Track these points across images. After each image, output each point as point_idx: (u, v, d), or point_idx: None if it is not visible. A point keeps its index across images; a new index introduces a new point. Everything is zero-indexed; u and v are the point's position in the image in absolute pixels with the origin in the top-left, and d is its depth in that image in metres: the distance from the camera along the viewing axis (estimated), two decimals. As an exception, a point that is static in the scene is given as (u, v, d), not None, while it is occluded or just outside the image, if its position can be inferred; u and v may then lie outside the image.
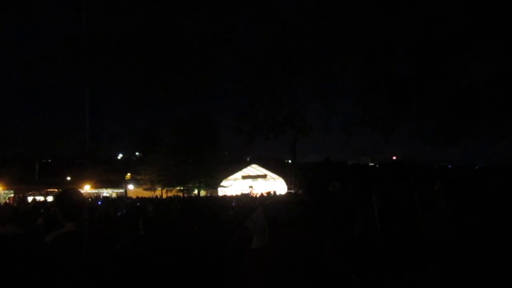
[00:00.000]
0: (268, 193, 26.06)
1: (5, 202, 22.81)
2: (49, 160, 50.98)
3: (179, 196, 31.90)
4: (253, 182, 38.39)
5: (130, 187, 39.93)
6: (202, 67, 6.72)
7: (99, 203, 19.21)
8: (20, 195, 30.60)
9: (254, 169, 39.63)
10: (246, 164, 41.13)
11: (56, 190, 31.57)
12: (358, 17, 5.58)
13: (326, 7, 5.66)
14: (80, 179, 34.58)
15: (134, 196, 27.89)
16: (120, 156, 54.76)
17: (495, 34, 5.42)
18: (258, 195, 23.59)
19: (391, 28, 5.63)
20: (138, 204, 14.72)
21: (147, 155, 36.74)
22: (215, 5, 5.86)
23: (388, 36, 5.71)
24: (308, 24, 5.85)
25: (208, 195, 31.90)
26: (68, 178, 39.34)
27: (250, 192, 31.99)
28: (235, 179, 38.91)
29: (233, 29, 6.24)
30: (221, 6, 5.86)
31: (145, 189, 36.30)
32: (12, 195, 31.41)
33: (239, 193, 29.00)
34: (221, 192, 35.80)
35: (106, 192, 38.66)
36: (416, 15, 5.46)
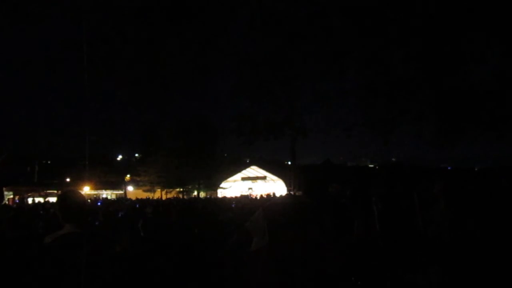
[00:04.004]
0: (268, 194, 26.04)
1: (5, 203, 22.76)
2: (49, 162, 50.93)
3: (178, 197, 31.88)
4: (253, 183, 38.39)
5: (130, 188, 39.89)
6: (202, 69, 6.72)
7: (99, 203, 19.19)
8: (20, 196, 30.54)
9: (253, 170, 39.62)
10: (245, 166, 41.11)
11: (55, 191, 31.53)
12: (357, 19, 5.59)
13: (325, 9, 5.67)
14: (79, 180, 34.55)
15: (133, 198, 27.86)
16: (119, 157, 54.71)
17: (494, 35, 5.44)
18: (257, 197, 23.56)
19: (390, 30, 5.64)
20: (137, 205, 14.70)
21: (146, 156, 36.72)
22: (214, 7, 5.88)
23: (387, 38, 5.72)
24: (307, 26, 5.85)
25: (208, 196, 31.87)
26: (68, 180, 39.31)
27: (250, 193, 31.96)
28: (235, 181, 38.90)
29: (233, 31, 6.26)
30: (221, 8, 5.87)
31: (144, 191, 36.27)
32: (12, 196, 31.34)
33: (238, 195, 28.97)
34: (220, 193, 35.78)
35: (105, 194, 38.61)
36: (414, 16, 5.48)
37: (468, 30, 5.39)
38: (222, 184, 38.06)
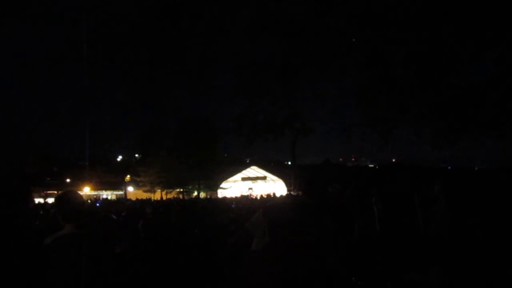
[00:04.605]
0: (268, 195, 26.02)
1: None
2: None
3: (179, 197, 31.88)
4: (253, 184, 38.36)
5: (130, 189, 39.86)
6: (202, 69, 6.73)
7: (97, 204, 19.15)
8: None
9: (253, 170, 39.59)
10: (245, 166, 41.06)
11: (55, 192, 31.49)
12: (357, 19, 5.59)
13: (326, 9, 5.67)
14: (79, 181, 34.52)
15: (133, 198, 27.84)
16: (119, 157, 54.65)
17: (494, 35, 5.43)
18: (257, 197, 23.54)
19: (390, 30, 5.64)
20: (137, 206, 14.70)
21: (146, 156, 36.69)
22: (214, 7, 5.88)
23: (387, 38, 5.72)
24: (308, 26, 5.85)
25: (208, 197, 31.85)
26: (68, 180, 39.27)
27: (250, 194, 31.93)
28: (235, 181, 38.87)
29: (233, 30, 6.25)
30: (221, 8, 5.87)
31: (144, 191, 36.23)
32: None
33: (238, 195, 28.96)
34: (220, 194, 35.75)
35: (105, 194, 38.58)
36: (414, 17, 5.48)
37: (468, 30, 5.39)
38: (222, 184, 38.03)
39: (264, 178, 38.79)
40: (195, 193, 36.12)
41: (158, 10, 5.75)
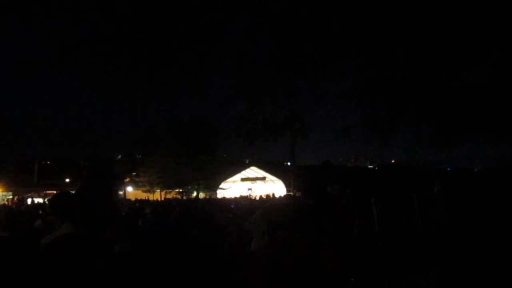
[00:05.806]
0: (267, 195, 25.99)
1: (4, 204, 22.75)
2: (48, 162, 50.91)
3: (178, 198, 31.86)
4: (252, 184, 38.33)
5: (129, 189, 39.85)
6: (201, 69, 6.73)
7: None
8: (19, 196, 30.51)
9: (253, 171, 39.57)
10: (245, 166, 41.03)
11: (54, 192, 31.43)
12: (357, 20, 5.59)
13: (325, 10, 5.67)
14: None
15: (133, 198, 27.82)
16: (119, 157, 54.64)
17: (493, 37, 5.44)
18: (257, 198, 23.52)
19: (390, 30, 5.65)
20: (136, 206, 14.70)
21: (146, 157, 36.68)
22: (214, 6, 5.88)
23: (387, 38, 5.72)
24: (307, 26, 5.85)
25: (207, 197, 31.83)
26: (67, 180, 39.27)
27: (249, 194, 31.91)
28: (234, 182, 38.84)
29: (232, 31, 6.25)
30: (220, 8, 5.88)
31: (144, 191, 36.22)
32: (11, 196, 31.32)
33: (238, 196, 28.91)
34: (220, 194, 35.72)
35: (105, 194, 38.48)
36: (414, 18, 5.48)
37: (468, 31, 5.40)
38: (222, 185, 38.01)
39: (263, 178, 38.77)
40: (195, 194, 36.10)
41: (158, 10, 5.75)
